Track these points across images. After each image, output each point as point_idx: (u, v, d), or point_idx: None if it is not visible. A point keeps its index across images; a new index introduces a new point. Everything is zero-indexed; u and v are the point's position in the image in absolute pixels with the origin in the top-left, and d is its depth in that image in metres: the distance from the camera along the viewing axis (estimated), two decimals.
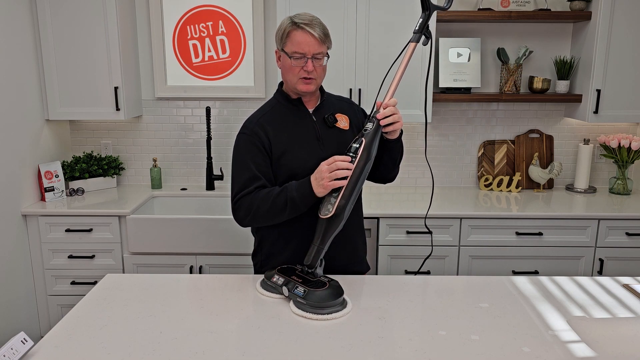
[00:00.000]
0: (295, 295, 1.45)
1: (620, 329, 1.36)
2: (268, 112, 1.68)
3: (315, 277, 1.51)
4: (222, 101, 3.09)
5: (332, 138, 1.66)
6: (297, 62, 1.56)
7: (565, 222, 2.60)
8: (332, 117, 1.67)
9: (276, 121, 1.65)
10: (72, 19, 2.71)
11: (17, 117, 2.59)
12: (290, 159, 1.61)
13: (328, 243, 1.50)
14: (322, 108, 1.70)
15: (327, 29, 1.59)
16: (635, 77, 2.75)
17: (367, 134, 1.49)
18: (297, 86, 1.61)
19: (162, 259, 2.65)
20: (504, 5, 2.90)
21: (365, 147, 1.48)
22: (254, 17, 2.98)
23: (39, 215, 2.63)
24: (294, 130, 1.64)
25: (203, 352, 1.24)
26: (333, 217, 1.46)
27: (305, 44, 1.55)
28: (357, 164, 1.46)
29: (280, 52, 1.62)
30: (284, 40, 1.58)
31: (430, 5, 1.54)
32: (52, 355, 1.24)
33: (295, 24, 1.55)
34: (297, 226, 1.63)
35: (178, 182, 3.20)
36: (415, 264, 2.64)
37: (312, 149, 1.63)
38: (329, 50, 1.62)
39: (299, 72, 1.58)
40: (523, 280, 1.69)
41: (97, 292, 1.58)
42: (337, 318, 1.41)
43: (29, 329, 2.67)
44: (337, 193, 1.46)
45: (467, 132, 3.12)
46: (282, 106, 1.68)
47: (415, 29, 1.55)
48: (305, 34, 1.54)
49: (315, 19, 1.58)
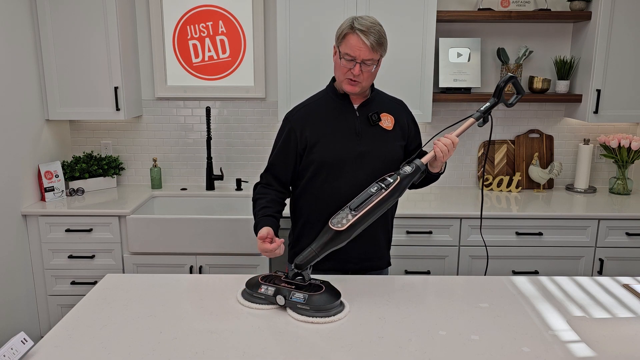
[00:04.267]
0: (294, 302, 1.43)
1: (620, 329, 1.36)
2: (315, 102, 1.79)
3: (306, 280, 1.49)
4: (222, 101, 3.09)
5: (372, 134, 1.73)
6: (347, 63, 1.64)
7: (565, 222, 2.60)
8: (375, 115, 1.74)
9: (319, 112, 1.75)
10: (72, 19, 2.71)
11: (17, 117, 2.59)
12: (323, 148, 1.70)
13: (325, 254, 1.50)
14: (368, 105, 1.76)
15: (384, 37, 1.65)
16: (635, 77, 2.75)
17: (402, 175, 1.54)
18: (343, 85, 1.70)
19: (162, 259, 2.65)
20: (504, 5, 2.90)
21: (396, 186, 1.52)
22: (254, 17, 2.98)
23: (39, 215, 2.63)
24: (334, 122, 1.73)
25: (203, 352, 1.24)
26: (341, 232, 1.47)
27: (357, 49, 1.61)
28: (382, 197, 1.50)
29: (337, 49, 1.69)
30: (340, 40, 1.66)
31: (501, 96, 1.62)
32: (52, 355, 1.24)
33: (352, 28, 1.61)
34: (331, 209, 1.64)
35: (178, 182, 3.20)
36: (416, 264, 2.64)
37: (349, 143, 1.71)
38: (382, 58, 1.68)
39: (347, 72, 1.66)
40: (523, 280, 1.69)
41: (97, 292, 1.58)
42: (342, 319, 1.42)
43: (29, 329, 2.67)
44: (356, 212, 1.48)
45: (467, 132, 3.12)
46: (329, 98, 1.77)
47: (480, 109, 1.63)
48: (359, 39, 1.60)
49: (374, 25, 1.62)
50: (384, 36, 1.65)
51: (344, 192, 1.68)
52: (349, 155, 1.70)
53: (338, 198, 1.67)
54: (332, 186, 1.71)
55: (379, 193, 1.50)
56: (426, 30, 2.69)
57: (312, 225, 1.76)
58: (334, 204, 1.66)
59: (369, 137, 1.72)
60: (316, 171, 1.72)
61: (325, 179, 1.72)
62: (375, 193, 1.50)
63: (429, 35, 2.69)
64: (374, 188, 1.52)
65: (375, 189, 1.51)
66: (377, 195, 1.50)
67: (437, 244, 2.62)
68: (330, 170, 1.71)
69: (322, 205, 1.72)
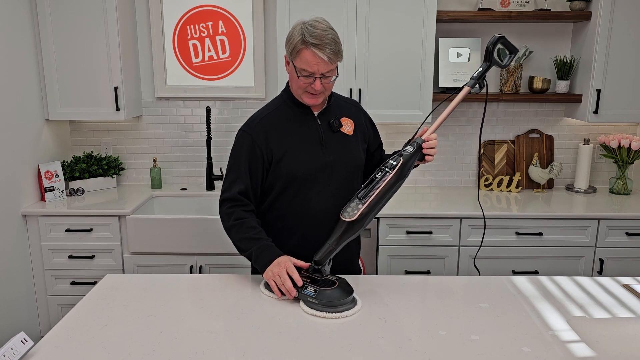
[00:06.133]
0: (305, 295, 1.46)
1: (620, 329, 1.36)
2: (272, 112, 1.67)
3: (323, 275, 1.52)
4: (222, 101, 3.09)
5: (335, 142, 1.67)
6: (305, 79, 1.55)
7: (565, 222, 2.60)
8: (337, 121, 1.67)
9: (280, 122, 1.65)
10: (72, 19, 2.71)
11: (17, 117, 2.59)
12: (290, 161, 1.61)
13: (342, 246, 1.51)
14: (328, 112, 1.69)
15: (339, 44, 1.55)
16: (635, 77, 2.75)
17: (405, 155, 1.52)
18: (302, 97, 1.61)
19: (162, 259, 2.65)
20: (504, 5, 2.90)
21: (400, 167, 1.49)
22: (254, 17, 2.98)
23: (39, 215, 2.63)
24: (297, 132, 1.64)
25: (203, 352, 1.24)
26: (354, 222, 1.47)
27: (314, 64, 1.52)
28: (388, 180, 1.48)
29: (289, 61, 1.59)
30: (293, 55, 1.55)
31: (492, 59, 1.58)
32: (52, 355, 1.23)
33: (305, 43, 1.50)
34: (303, 222, 1.64)
35: (178, 182, 3.20)
36: (416, 264, 2.64)
37: (315, 153, 1.63)
38: (339, 64, 1.60)
39: (306, 87, 1.57)
40: (523, 280, 1.69)
41: (97, 292, 1.58)
42: (350, 316, 1.42)
43: (29, 329, 2.67)
44: (365, 200, 1.47)
45: (467, 132, 3.12)
46: (288, 107, 1.67)
47: (473, 75, 1.58)
48: (314, 55, 1.51)
49: (327, 34, 1.51)
50: (338, 42, 1.54)
51: (314, 204, 1.63)
52: (317, 165, 1.62)
53: (309, 212, 1.63)
54: (303, 200, 1.63)
55: (385, 177, 1.48)
56: (426, 30, 2.69)
57: (281, 243, 1.64)
58: (305, 220, 1.63)
59: (332, 145, 1.65)
60: (285, 186, 1.63)
61: (295, 193, 1.63)
62: (380, 178, 1.49)
63: (429, 35, 2.69)
64: (379, 174, 1.50)
65: (380, 174, 1.50)
66: (383, 179, 1.48)
67: (437, 244, 2.62)
68: (301, 184, 1.62)
69: (292, 222, 1.65)
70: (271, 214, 1.70)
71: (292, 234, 1.67)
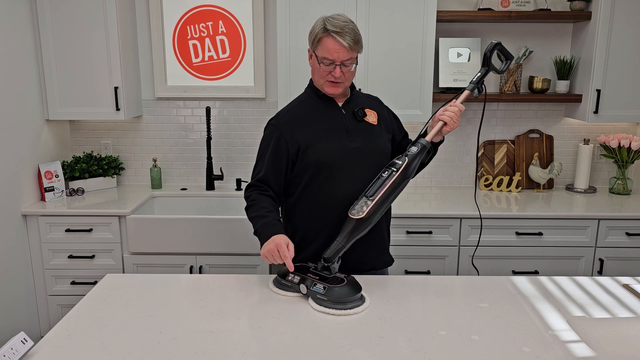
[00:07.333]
0: (314, 292, 1.48)
1: (620, 329, 1.36)
2: (298, 105, 1.76)
3: (331, 273, 1.55)
4: (222, 101, 3.09)
5: (360, 130, 1.73)
6: (327, 67, 1.63)
7: (565, 222, 2.60)
8: (361, 111, 1.74)
9: (305, 113, 1.72)
10: (72, 19, 2.71)
11: (17, 117, 2.59)
12: (317, 149, 1.67)
13: (350, 243, 1.55)
14: (351, 102, 1.76)
15: (359, 35, 1.63)
16: (635, 77, 2.75)
17: (410, 155, 1.58)
18: (324, 87, 1.69)
19: (162, 259, 2.65)
20: (504, 5, 2.90)
21: (406, 166, 1.56)
22: (254, 17, 2.98)
23: (39, 215, 2.63)
24: (322, 122, 1.71)
25: (203, 352, 1.24)
26: (362, 219, 1.52)
27: (334, 51, 1.59)
28: (394, 179, 1.54)
29: (312, 53, 1.67)
30: (315, 44, 1.64)
31: (490, 64, 1.64)
32: (52, 355, 1.24)
33: (327, 31, 1.59)
34: (331, 210, 1.67)
35: (178, 182, 3.20)
36: (416, 264, 2.64)
37: (341, 141, 1.69)
38: (359, 55, 1.66)
39: (327, 75, 1.65)
40: (523, 280, 1.69)
41: (97, 292, 1.58)
42: (359, 313, 1.43)
43: (29, 329, 2.67)
44: (372, 198, 1.52)
45: (467, 132, 3.12)
46: (312, 100, 1.75)
47: (472, 79, 1.65)
48: (335, 41, 1.58)
49: (348, 24, 1.60)
50: (358, 33, 1.63)
51: (344, 190, 1.66)
52: (344, 152, 1.68)
53: (338, 200, 1.65)
54: (331, 186, 1.67)
55: (391, 176, 1.54)
56: (426, 30, 2.69)
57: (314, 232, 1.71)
58: (333, 207, 1.65)
59: (358, 133, 1.72)
60: (314, 173, 1.68)
61: (324, 180, 1.68)
62: (387, 177, 1.55)
63: (429, 35, 2.69)
64: (385, 173, 1.56)
65: (387, 173, 1.56)
66: (389, 178, 1.54)
67: (437, 244, 2.62)
68: (329, 171, 1.67)
69: (322, 210, 1.69)
70: (300, 204, 1.74)
71: (321, 222, 1.69)
